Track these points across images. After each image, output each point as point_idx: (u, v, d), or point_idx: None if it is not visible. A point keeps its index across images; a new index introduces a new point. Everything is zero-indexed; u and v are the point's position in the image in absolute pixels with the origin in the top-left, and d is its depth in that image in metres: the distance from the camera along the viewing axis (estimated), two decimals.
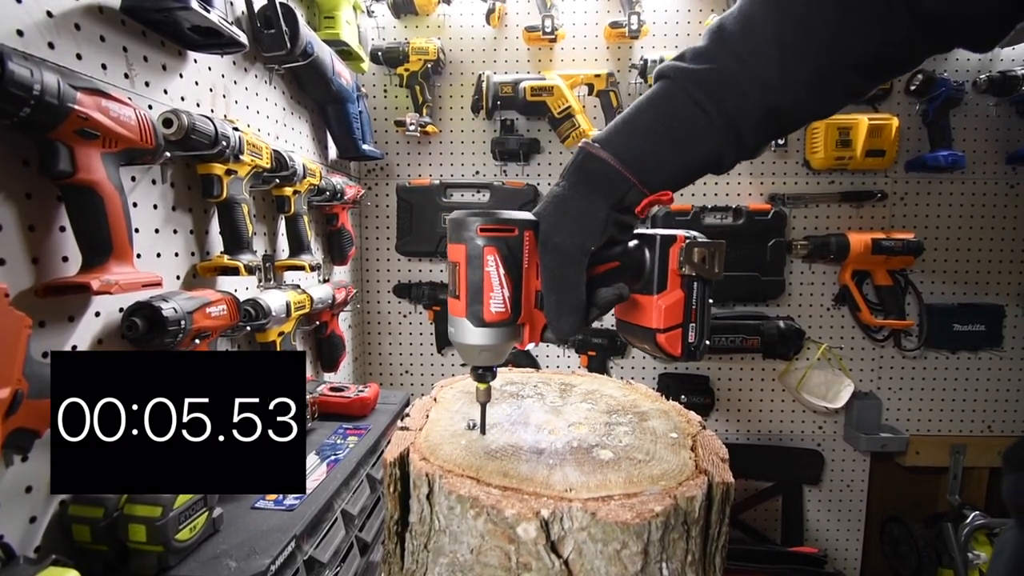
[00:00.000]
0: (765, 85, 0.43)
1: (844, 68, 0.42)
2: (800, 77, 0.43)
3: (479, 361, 0.46)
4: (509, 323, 0.44)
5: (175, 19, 0.73)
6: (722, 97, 0.43)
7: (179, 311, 0.67)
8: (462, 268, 0.43)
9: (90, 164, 0.56)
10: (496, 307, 0.43)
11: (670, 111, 0.45)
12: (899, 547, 1.70)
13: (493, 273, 0.42)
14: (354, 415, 1.07)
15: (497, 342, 0.44)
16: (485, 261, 0.42)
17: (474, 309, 0.43)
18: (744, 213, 1.59)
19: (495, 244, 0.42)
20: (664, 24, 1.60)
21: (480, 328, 0.43)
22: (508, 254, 0.42)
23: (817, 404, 1.61)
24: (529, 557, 0.39)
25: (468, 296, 0.43)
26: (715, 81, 0.44)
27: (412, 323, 1.73)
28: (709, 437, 0.52)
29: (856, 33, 0.41)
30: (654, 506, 0.39)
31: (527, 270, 0.44)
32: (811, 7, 0.41)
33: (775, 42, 0.42)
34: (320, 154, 1.38)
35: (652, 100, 0.46)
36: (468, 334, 0.44)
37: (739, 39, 0.43)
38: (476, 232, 0.42)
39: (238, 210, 0.85)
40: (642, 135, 0.45)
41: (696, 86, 0.44)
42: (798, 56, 0.42)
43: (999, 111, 1.60)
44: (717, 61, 0.44)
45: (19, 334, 0.47)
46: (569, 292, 0.44)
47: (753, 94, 0.43)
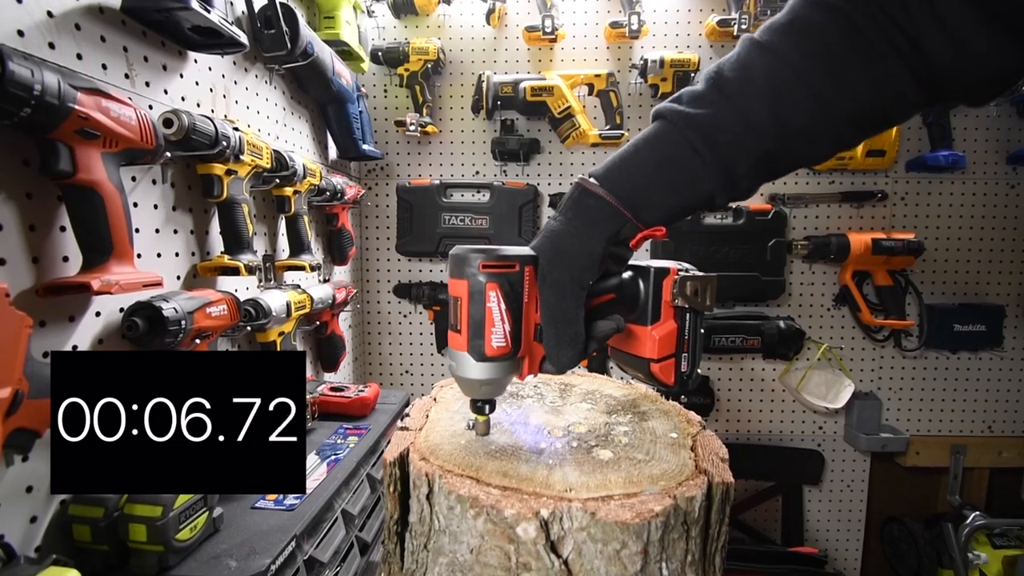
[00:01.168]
0: (759, 132, 0.44)
1: (838, 120, 0.43)
2: (794, 126, 0.43)
3: (480, 395, 0.47)
4: (510, 357, 0.44)
5: (175, 19, 0.73)
6: (716, 142, 0.44)
7: (179, 311, 0.67)
8: (464, 303, 0.43)
9: (90, 164, 0.56)
10: (497, 342, 0.43)
11: (666, 152, 0.46)
12: (899, 547, 1.70)
13: (495, 308, 0.42)
14: (354, 415, 1.08)
15: (498, 376, 0.45)
16: (487, 297, 0.42)
17: (476, 344, 0.43)
18: (744, 213, 1.59)
19: (497, 280, 0.42)
20: (664, 24, 1.60)
21: (481, 363, 0.44)
22: (509, 290, 0.43)
23: (817, 404, 1.61)
24: (529, 557, 0.39)
25: (470, 331, 0.43)
26: (710, 125, 0.44)
27: (412, 323, 1.73)
28: (709, 437, 0.52)
29: (852, 88, 0.42)
30: (654, 506, 0.39)
31: (527, 304, 0.45)
32: (808, 60, 0.42)
33: (770, 91, 0.43)
34: (320, 154, 1.38)
35: (648, 140, 0.47)
36: (469, 369, 0.44)
37: (735, 86, 0.44)
38: (478, 268, 0.42)
39: (238, 210, 0.85)
40: (638, 173, 0.46)
41: (692, 129, 0.45)
42: (793, 106, 0.43)
43: (999, 111, 1.60)
44: (713, 106, 0.45)
45: (19, 334, 0.47)
46: (568, 326, 0.45)
47: (747, 140, 0.44)
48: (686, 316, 0.49)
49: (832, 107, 0.43)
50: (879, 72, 0.41)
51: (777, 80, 0.43)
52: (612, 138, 1.54)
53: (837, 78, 0.42)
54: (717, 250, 1.58)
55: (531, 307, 0.45)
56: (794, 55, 0.42)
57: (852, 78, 0.42)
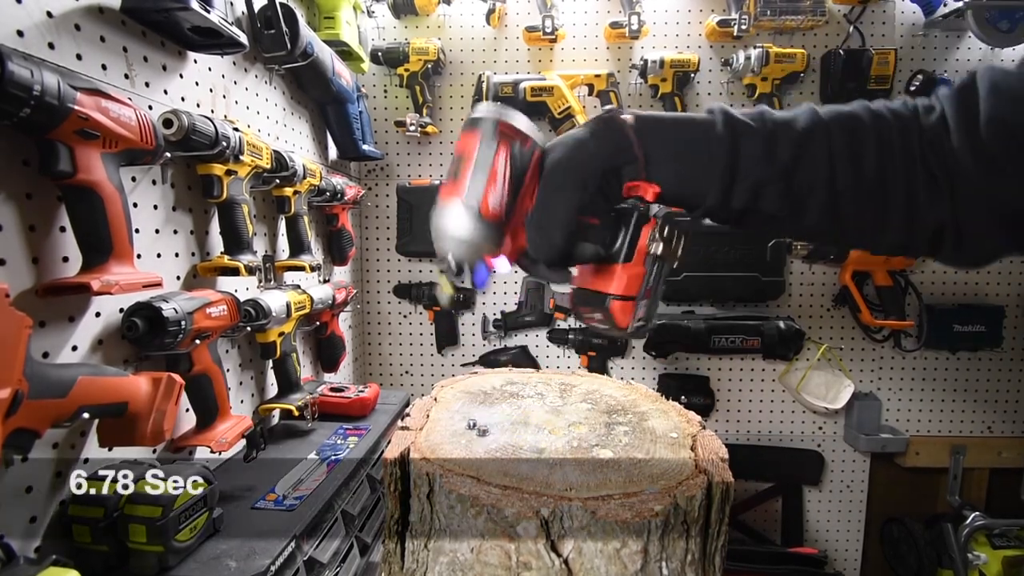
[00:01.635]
0: (775, 165, 0.45)
1: (832, 214, 0.46)
2: (796, 186, 0.46)
3: (458, 253, 0.45)
4: (499, 224, 0.44)
5: (175, 19, 0.73)
6: (738, 147, 0.45)
7: (179, 311, 0.67)
8: (470, 154, 0.43)
9: (90, 164, 0.56)
10: (494, 202, 0.43)
11: (695, 132, 0.47)
12: (899, 548, 1.70)
13: (500, 169, 0.43)
14: (354, 415, 1.07)
15: (483, 239, 0.44)
16: (498, 154, 0.42)
17: (473, 195, 0.43)
18: None
19: (510, 144, 0.43)
20: (664, 24, 1.60)
21: (472, 219, 0.43)
22: (517, 159, 0.43)
23: (817, 405, 1.61)
24: (529, 556, 0.39)
25: (470, 182, 0.43)
26: (743, 126, 0.46)
27: (412, 323, 1.73)
28: (709, 437, 0.52)
29: (861, 206, 0.45)
30: (654, 505, 0.39)
31: (525, 188, 0.44)
32: (842, 153, 0.44)
33: (798, 144, 0.45)
34: (320, 154, 1.38)
35: (689, 117, 0.48)
36: (458, 222, 0.43)
37: (779, 120, 0.46)
38: (495, 127, 0.42)
39: (238, 210, 0.85)
40: (667, 130, 0.47)
41: (727, 124, 0.46)
42: (809, 169, 0.45)
43: None
44: (753, 121, 0.46)
45: (19, 334, 0.47)
46: (556, 215, 0.45)
47: (760, 165, 0.45)
48: (655, 265, 0.49)
49: (838, 205, 0.45)
50: (893, 218, 0.44)
51: (807, 144, 0.45)
52: None
53: (868, 223, 0.45)
54: (717, 250, 1.58)
55: (527, 193, 0.45)
56: (838, 139, 0.44)
57: (866, 202, 0.44)
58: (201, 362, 0.74)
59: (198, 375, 0.73)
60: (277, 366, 1.00)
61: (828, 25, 1.58)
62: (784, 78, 1.53)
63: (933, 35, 1.59)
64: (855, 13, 1.58)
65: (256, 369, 1.02)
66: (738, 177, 0.45)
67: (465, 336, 1.72)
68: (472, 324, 1.72)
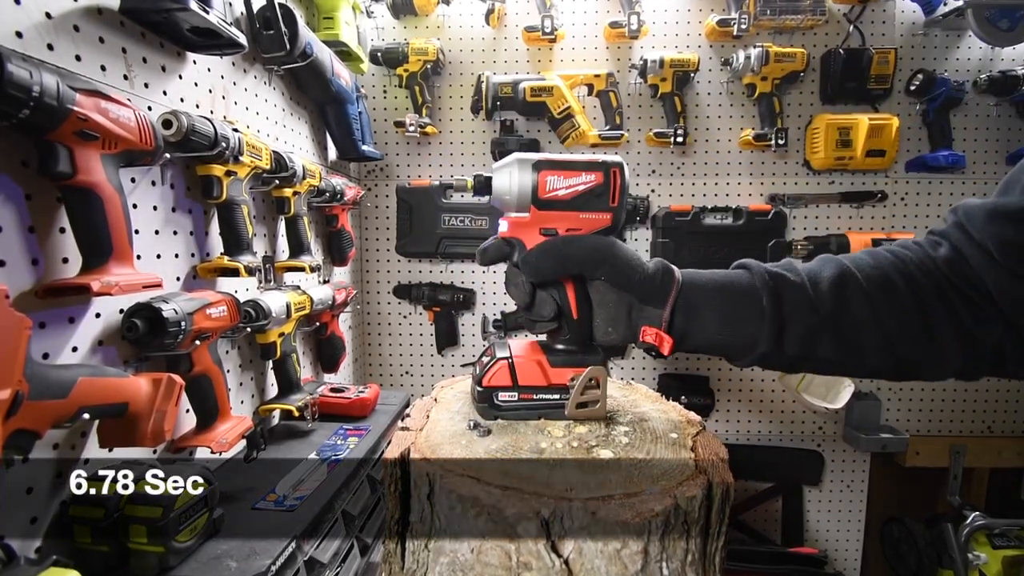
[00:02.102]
0: (819, 311, 0.48)
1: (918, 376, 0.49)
2: (883, 367, 0.49)
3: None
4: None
5: (174, 20, 0.73)
6: (780, 294, 0.48)
7: (179, 312, 0.67)
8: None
9: (90, 165, 0.56)
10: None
11: (740, 281, 0.51)
12: (899, 548, 1.70)
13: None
14: (354, 416, 1.07)
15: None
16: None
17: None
18: (744, 213, 1.59)
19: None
20: (664, 24, 1.60)
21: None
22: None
23: (817, 405, 1.61)
24: (529, 556, 0.39)
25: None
26: (780, 277, 0.49)
27: (412, 324, 1.73)
28: (709, 437, 0.52)
29: (934, 365, 0.49)
30: (654, 506, 0.39)
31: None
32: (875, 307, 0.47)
33: (836, 292, 0.48)
34: (320, 155, 1.38)
35: (724, 274, 0.53)
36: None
37: (813, 269, 0.50)
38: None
39: (238, 211, 0.85)
40: (709, 282, 0.53)
41: (763, 274, 0.50)
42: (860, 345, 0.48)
43: (999, 111, 1.59)
44: (792, 270, 0.50)
45: (19, 335, 0.47)
46: (534, 267, 0.52)
47: (803, 310, 0.48)
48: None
49: (891, 341, 0.47)
50: (947, 344, 0.47)
51: (843, 288, 0.48)
52: (612, 138, 1.54)
53: (899, 324, 0.47)
54: (717, 250, 1.58)
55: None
56: (868, 280, 0.48)
57: (915, 332, 0.47)
58: (201, 363, 0.74)
59: (198, 376, 0.73)
60: (277, 367, 1.00)
61: (828, 24, 1.58)
62: (784, 77, 1.53)
63: (933, 34, 1.59)
64: (855, 12, 1.58)
65: (256, 370, 1.02)
66: (787, 324, 0.47)
67: (465, 336, 1.72)
68: (472, 324, 1.72)
